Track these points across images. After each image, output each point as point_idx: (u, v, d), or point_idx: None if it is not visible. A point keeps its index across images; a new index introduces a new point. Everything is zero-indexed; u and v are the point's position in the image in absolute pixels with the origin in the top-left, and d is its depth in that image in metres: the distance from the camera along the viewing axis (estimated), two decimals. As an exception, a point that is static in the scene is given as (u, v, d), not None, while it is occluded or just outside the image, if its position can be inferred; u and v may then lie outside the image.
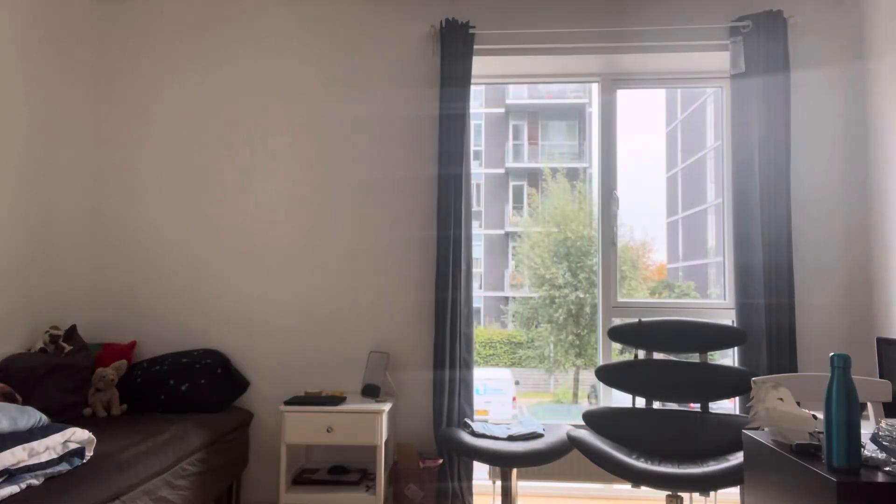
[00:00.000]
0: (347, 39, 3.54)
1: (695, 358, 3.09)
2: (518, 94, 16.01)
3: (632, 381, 3.03)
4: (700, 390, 2.97)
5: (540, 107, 16.03)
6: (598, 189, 3.58)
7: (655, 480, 2.47)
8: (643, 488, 2.63)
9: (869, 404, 2.16)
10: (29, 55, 3.08)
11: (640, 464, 2.58)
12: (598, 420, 2.98)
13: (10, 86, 2.96)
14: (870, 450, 1.54)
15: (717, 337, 3.02)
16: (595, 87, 3.65)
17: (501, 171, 15.74)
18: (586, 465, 3.27)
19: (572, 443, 2.76)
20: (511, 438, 2.99)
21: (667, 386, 3.00)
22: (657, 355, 3.12)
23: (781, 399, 1.81)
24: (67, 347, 3.03)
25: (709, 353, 3.04)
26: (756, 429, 2.09)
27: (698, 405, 3.00)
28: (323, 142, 3.50)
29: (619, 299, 3.50)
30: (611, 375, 3.06)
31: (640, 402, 3.05)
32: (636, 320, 3.11)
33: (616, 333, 3.14)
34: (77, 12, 3.42)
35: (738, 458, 2.59)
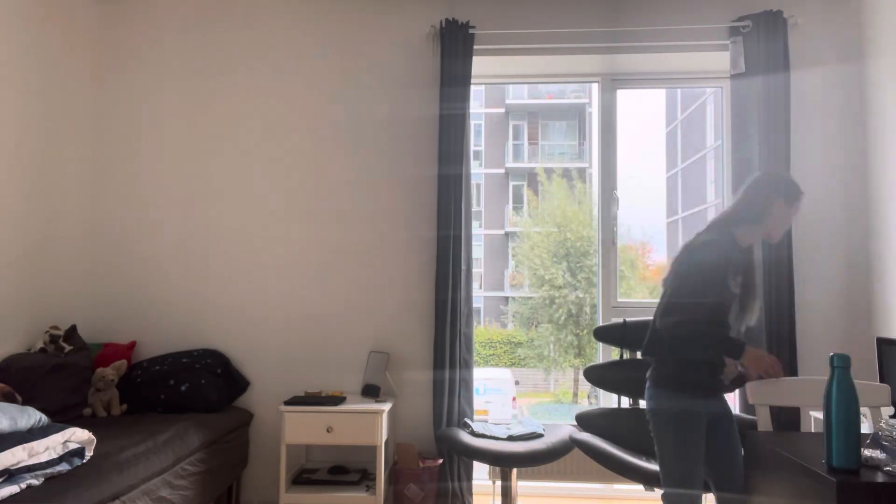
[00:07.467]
0: (347, 40, 3.54)
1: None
2: (518, 94, 16.03)
3: (619, 380, 3.00)
4: None
5: (540, 107, 16.04)
6: (598, 189, 3.58)
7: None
8: (638, 487, 2.62)
9: (867, 410, 2.04)
10: (28, 56, 3.08)
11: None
12: (592, 421, 2.96)
13: (8, 87, 2.96)
14: (870, 450, 1.54)
15: None
16: (595, 87, 3.65)
17: (501, 171, 15.76)
18: (586, 465, 3.27)
19: (579, 447, 2.73)
20: (511, 438, 2.99)
21: None
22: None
23: None
24: (67, 347, 3.03)
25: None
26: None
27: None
28: (322, 142, 3.51)
29: (619, 299, 3.50)
30: (598, 376, 3.03)
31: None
32: (621, 320, 3.09)
33: (601, 334, 3.11)
34: (77, 13, 3.42)
35: None
